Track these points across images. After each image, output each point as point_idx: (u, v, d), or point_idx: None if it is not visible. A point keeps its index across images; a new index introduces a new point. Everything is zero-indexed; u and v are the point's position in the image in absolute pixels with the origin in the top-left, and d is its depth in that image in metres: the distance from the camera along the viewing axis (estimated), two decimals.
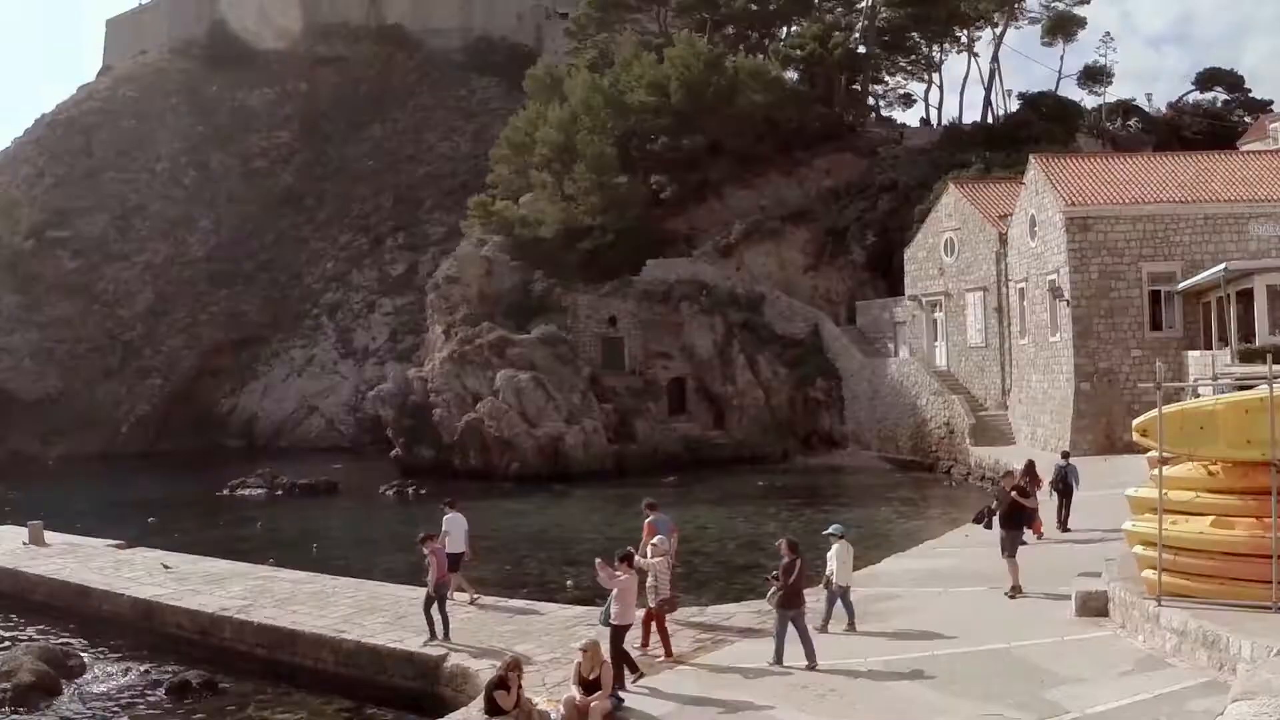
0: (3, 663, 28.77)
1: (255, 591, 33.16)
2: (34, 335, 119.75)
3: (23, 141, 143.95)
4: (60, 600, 36.86)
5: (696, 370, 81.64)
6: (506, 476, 71.18)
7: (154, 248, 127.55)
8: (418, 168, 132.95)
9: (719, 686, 21.05)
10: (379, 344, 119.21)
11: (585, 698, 19.77)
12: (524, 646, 24.50)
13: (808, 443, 78.94)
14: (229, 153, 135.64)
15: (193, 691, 27.11)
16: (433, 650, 25.38)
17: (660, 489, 61.64)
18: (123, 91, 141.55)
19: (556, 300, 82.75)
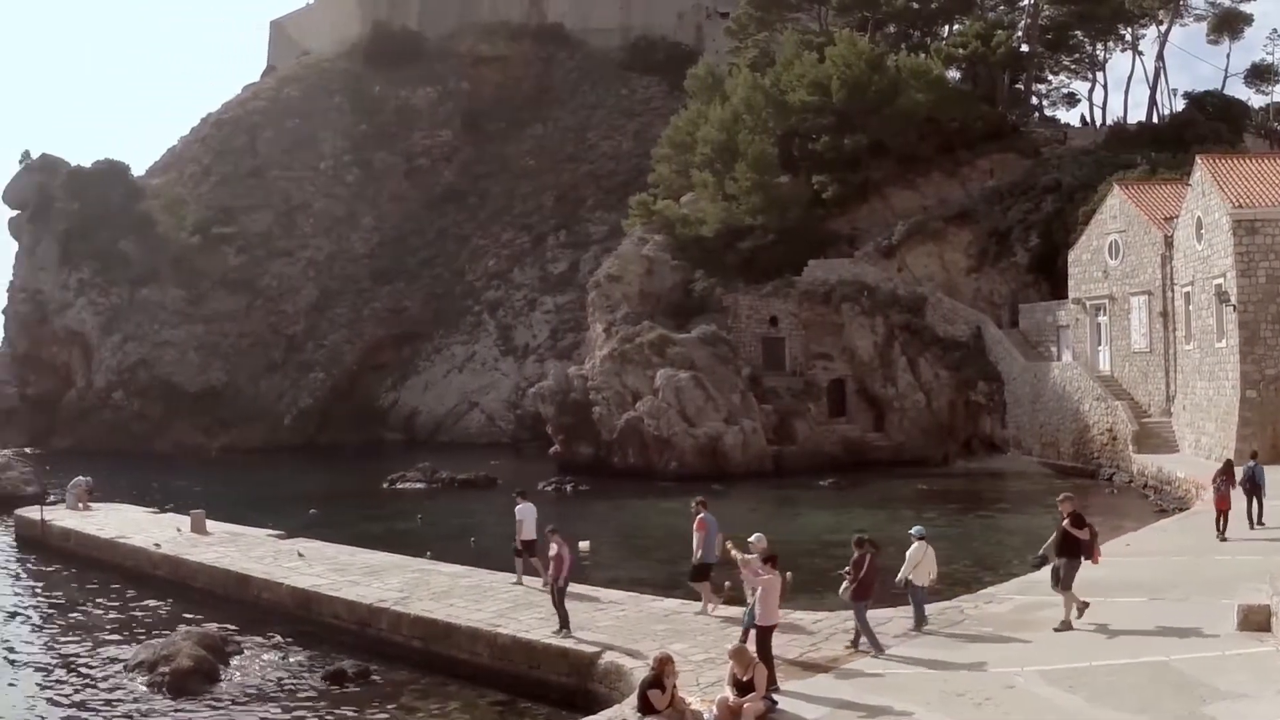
0: (163, 647, 29.31)
1: (413, 584, 33.57)
2: (199, 329, 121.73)
3: (189, 140, 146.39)
4: (220, 588, 37.63)
5: (857, 372, 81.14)
6: (665, 475, 71.00)
7: (317, 244, 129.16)
8: (579, 166, 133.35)
9: (872, 691, 20.89)
10: (539, 341, 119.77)
11: (739, 699, 19.66)
12: (679, 646, 24.38)
13: (968, 446, 78.12)
14: (391, 151, 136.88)
15: (348, 680, 27.48)
16: (588, 647, 25.39)
17: (818, 491, 61.56)
18: (286, 91, 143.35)
19: (717, 300, 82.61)
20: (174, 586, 39.59)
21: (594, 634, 26.30)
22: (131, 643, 32.13)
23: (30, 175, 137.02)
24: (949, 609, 26.70)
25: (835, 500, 58.57)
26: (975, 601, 27.99)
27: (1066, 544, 25.56)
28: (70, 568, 46.39)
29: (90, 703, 27.15)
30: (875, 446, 78.31)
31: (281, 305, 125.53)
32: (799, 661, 23.27)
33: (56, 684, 28.93)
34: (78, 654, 31.86)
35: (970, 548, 43.91)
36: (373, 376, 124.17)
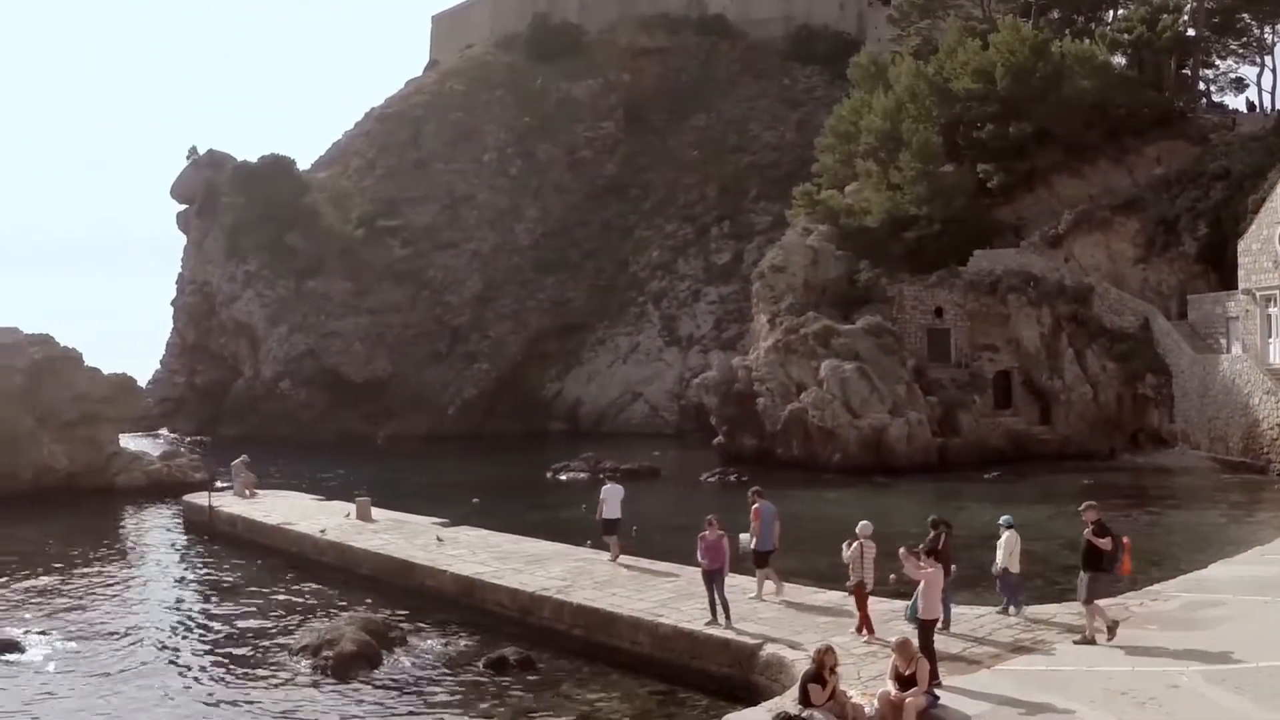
0: (327, 632, 29.80)
1: (575, 573, 33.74)
2: (364, 320, 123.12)
3: (353, 134, 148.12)
4: (384, 574, 38.07)
5: (1023, 363, 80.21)
6: (828, 467, 70.75)
7: (481, 236, 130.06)
8: (742, 157, 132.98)
9: (1036, 688, 20.66)
10: (703, 332, 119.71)
11: (900, 693, 19.58)
12: (841, 639, 24.21)
13: (1135, 441, 76.75)
14: (554, 143, 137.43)
15: (509, 667, 27.65)
16: (750, 638, 25.30)
17: (982, 484, 60.94)
18: (449, 85, 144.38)
19: (882, 290, 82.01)
20: (339, 572, 40.22)
21: (756, 625, 26.20)
22: (297, 627, 32.61)
23: (198, 171, 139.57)
24: (1114, 606, 26.23)
25: (999, 494, 57.94)
26: (1141, 598, 27.53)
27: (1089, 554, 24.72)
28: (237, 553, 47.27)
29: (255, 685, 27.57)
30: (1040, 439, 77.30)
31: (446, 297, 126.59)
32: (961, 656, 23.07)
33: (223, 666, 29.40)
34: (244, 637, 32.43)
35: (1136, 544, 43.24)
36: (537, 367, 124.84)
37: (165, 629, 34.05)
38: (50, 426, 70.77)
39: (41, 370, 71.86)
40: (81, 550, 48.72)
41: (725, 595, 26.62)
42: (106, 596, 39.10)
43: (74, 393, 72.30)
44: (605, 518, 35.75)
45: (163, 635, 33.21)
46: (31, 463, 69.08)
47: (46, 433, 70.45)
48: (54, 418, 71.02)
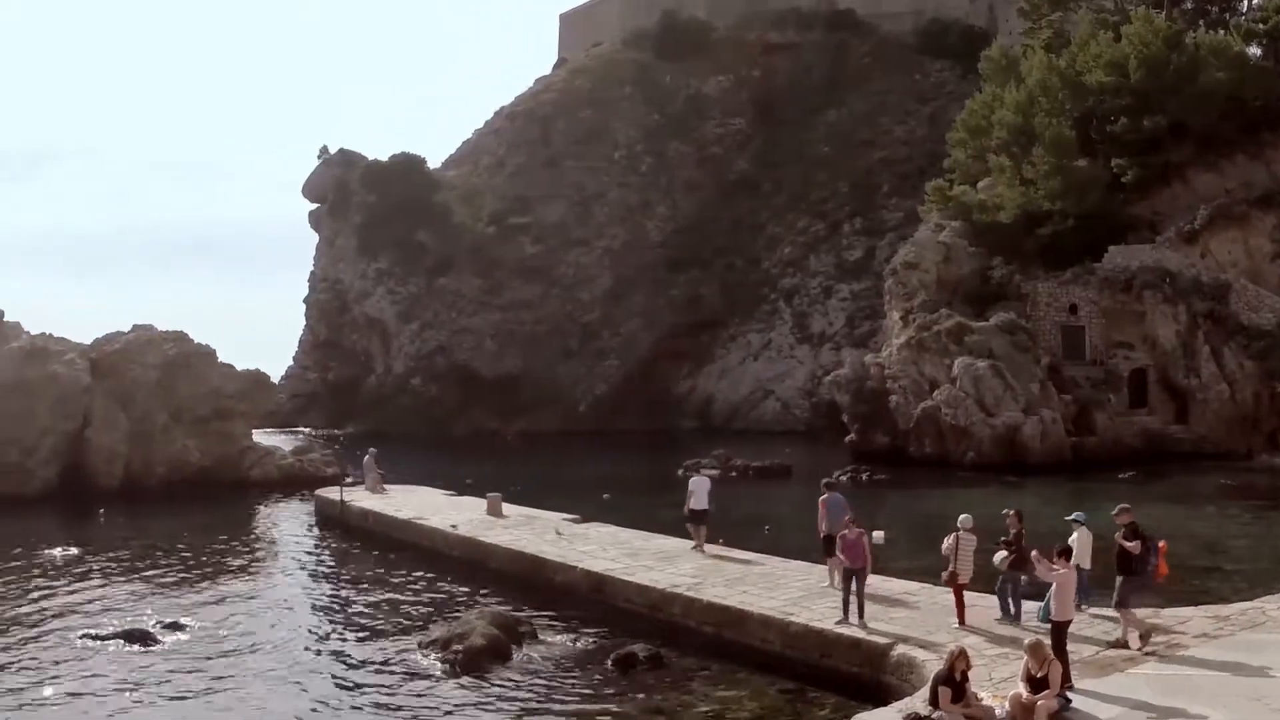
0: (457, 626, 29.94)
1: (706, 570, 33.58)
2: (495, 317, 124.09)
3: (483, 133, 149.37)
4: (515, 569, 38.13)
5: (1158, 361, 79.09)
6: (961, 465, 70.36)
7: (612, 233, 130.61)
8: (873, 153, 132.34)
9: (1169, 693, 20.28)
10: (835, 329, 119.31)
11: (1031, 695, 19.35)
12: (973, 640, 24.01)
13: (1273, 440, 75.35)
14: (684, 140, 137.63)
15: (638, 664, 27.50)
16: (881, 638, 25.07)
17: (1117, 485, 60.13)
18: (578, 83, 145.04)
19: (1015, 287, 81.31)
20: (470, 567, 40.33)
21: (887, 625, 25.94)
22: (427, 621, 32.81)
23: (329, 170, 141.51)
24: (1250, 609, 25.85)
25: (1134, 494, 56.81)
26: (1278, 602, 27.06)
27: (1120, 559, 24.53)
28: (368, 547, 47.64)
29: (385, 678, 27.75)
30: (1176, 439, 76.21)
31: (577, 293, 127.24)
32: (1094, 660, 22.77)
33: (353, 659, 29.64)
34: (374, 630, 32.63)
35: (1273, 546, 42.51)
36: (668, 364, 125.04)
37: (295, 621, 34.40)
38: (184, 422, 71.78)
39: (176, 366, 72.87)
40: (214, 543, 49.36)
41: (864, 595, 26.45)
42: (238, 589, 39.52)
43: (208, 388, 73.24)
44: (692, 508, 37.31)
45: (293, 628, 33.52)
46: (166, 457, 70.13)
47: (180, 428, 71.46)
48: (188, 413, 72.01)
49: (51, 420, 67.75)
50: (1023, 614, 25.77)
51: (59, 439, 67.80)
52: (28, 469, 66.32)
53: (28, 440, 66.94)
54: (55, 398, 68.20)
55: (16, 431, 66.56)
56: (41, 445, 67.19)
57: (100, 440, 68.76)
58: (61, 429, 67.98)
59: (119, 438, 69.24)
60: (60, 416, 68.08)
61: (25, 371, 68.30)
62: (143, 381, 71.47)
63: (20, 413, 66.89)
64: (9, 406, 66.80)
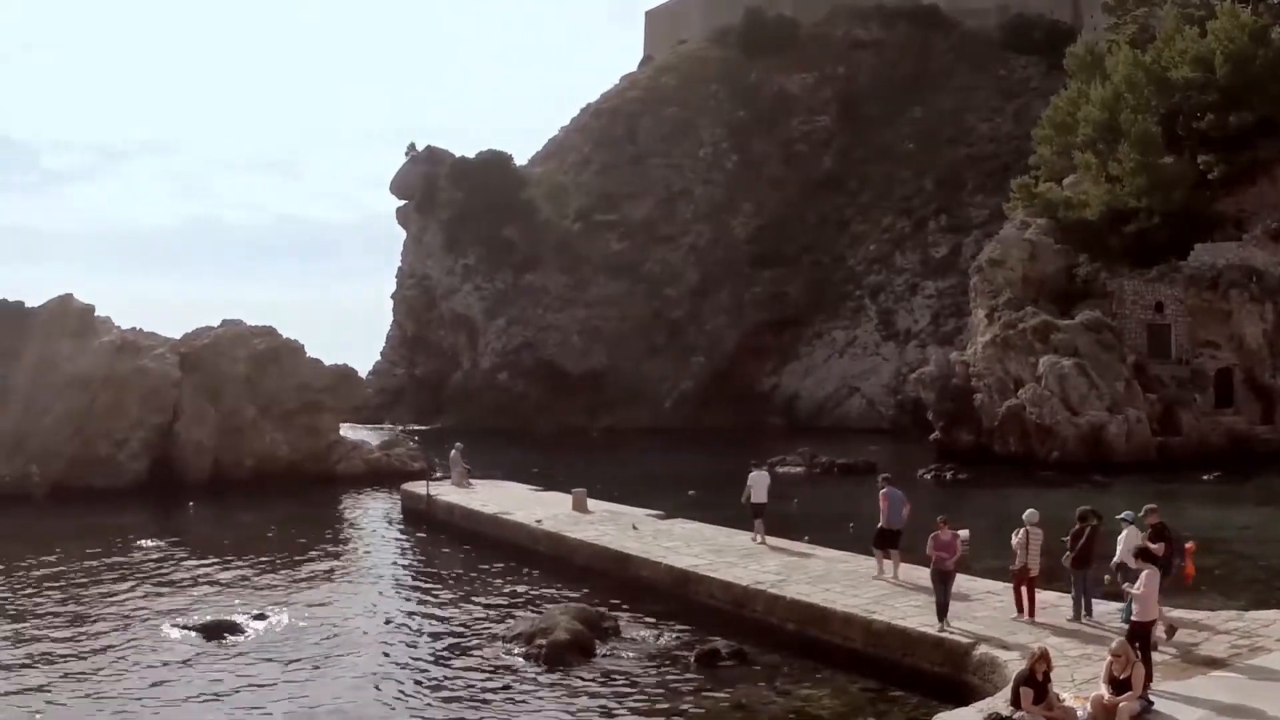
0: (541, 620, 30.35)
1: (789, 567, 33.72)
2: (581, 313, 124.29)
3: (569, 130, 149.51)
4: (599, 565, 38.36)
5: (1245, 361, 78.40)
6: (1045, 464, 70.04)
7: (698, 230, 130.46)
8: (959, 149, 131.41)
9: (1252, 696, 20.28)
10: (921, 327, 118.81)
11: (1114, 697, 19.35)
12: (1056, 640, 24.07)
13: None
14: (769, 137, 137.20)
15: (721, 660, 27.76)
16: (963, 637, 25.18)
17: (1203, 485, 59.81)
18: (663, 80, 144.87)
19: (1100, 285, 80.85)
20: (554, 562, 40.63)
21: (970, 624, 26.01)
22: (511, 615, 33.16)
23: (416, 167, 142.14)
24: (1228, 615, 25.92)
25: (1220, 495, 56.82)
26: None
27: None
28: (454, 541, 48.13)
29: (470, 671, 28.09)
30: (1263, 440, 75.54)
31: (663, 290, 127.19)
32: (1178, 661, 22.77)
33: (436, 652, 30.05)
34: (458, 624, 33.08)
35: None
36: (753, 361, 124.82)
37: (380, 614, 34.83)
38: (272, 415, 72.39)
39: (264, 361, 73.51)
40: (301, 535, 50.01)
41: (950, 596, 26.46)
42: (324, 581, 40.16)
43: (296, 383, 73.83)
44: (753, 502, 38.57)
45: (377, 620, 34.01)
46: (254, 451, 70.76)
47: (269, 421, 72.07)
48: (276, 407, 72.63)
49: (142, 414, 68.53)
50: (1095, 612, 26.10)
51: (149, 432, 68.58)
52: (118, 462, 67.12)
53: (118, 433, 67.80)
54: (145, 392, 68.98)
55: (107, 425, 67.45)
56: (132, 438, 68.00)
57: (189, 434, 69.49)
58: (151, 422, 68.76)
59: (208, 431, 69.96)
60: (150, 410, 68.84)
61: (116, 366, 69.11)
62: (232, 376, 72.16)
63: (111, 406, 67.73)
64: (100, 400, 67.66)
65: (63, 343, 69.55)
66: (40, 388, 67.62)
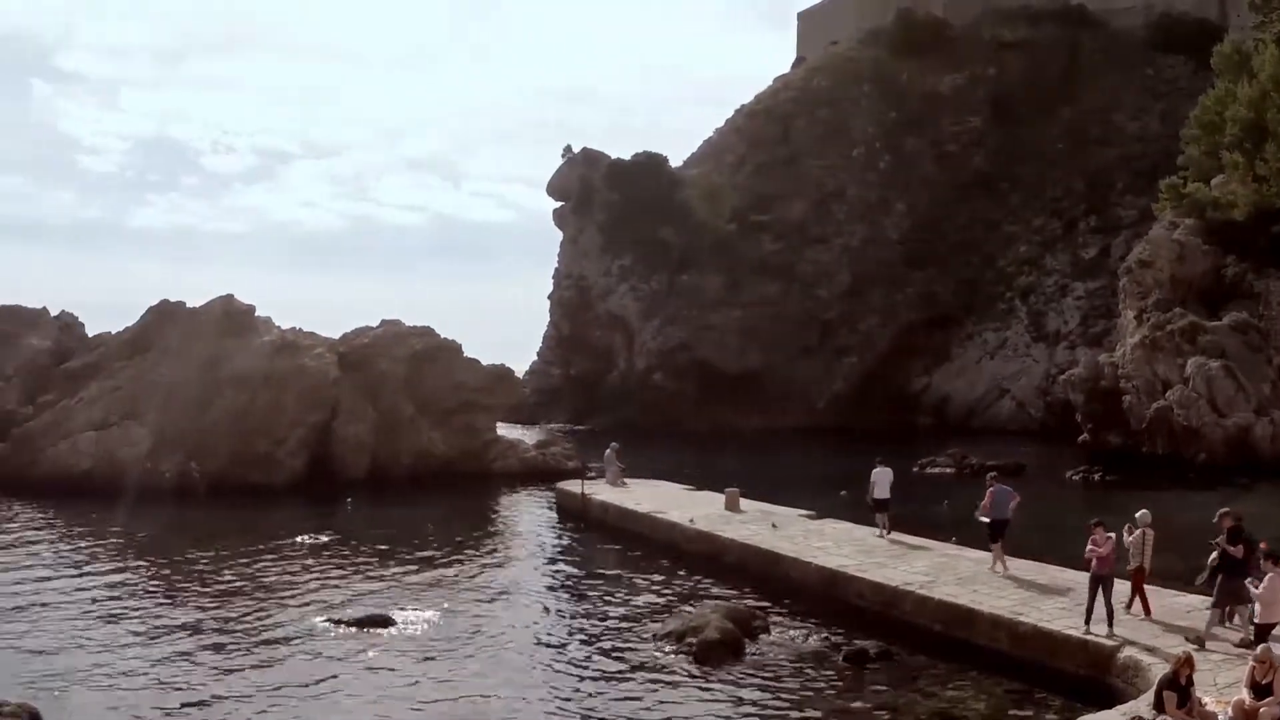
0: (692, 619, 30.75)
1: (938, 568, 34.09)
2: (737, 314, 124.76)
3: (724, 131, 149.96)
4: (751, 564, 38.81)
5: None
6: (1192, 465, 69.72)
7: (851, 231, 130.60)
8: (1107, 150, 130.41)
9: None
10: (1070, 328, 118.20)
11: (1255, 702, 19.53)
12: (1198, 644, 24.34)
13: None
14: (921, 138, 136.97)
15: (869, 660, 28.13)
16: (1108, 640, 25.39)
17: None
18: (816, 81, 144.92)
19: (1248, 285, 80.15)
20: (706, 561, 41.05)
21: (1115, 627, 26.11)
22: (662, 613, 33.69)
23: (573, 169, 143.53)
24: None
25: None
26: None
27: (1222, 561, 25.16)
28: (608, 539, 48.78)
29: (620, 668, 28.59)
30: None
31: (816, 290, 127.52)
32: None
33: (587, 649, 30.60)
34: (610, 621, 33.57)
35: None
36: (905, 361, 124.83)
37: (533, 610, 35.43)
38: (430, 414, 73.47)
39: (422, 360, 74.64)
40: (457, 533, 50.76)
41: (1111, 602, 26.47)
42: (479, 578, 40.83)
43: (453, 382, 74.87)
44: (875, 498, 40.86)
45: (531, 616, 34.57)
46: (411, 449, 71.85)
47: (426, 420, 73.16)
48: (433, 406, 73.71)
49: (301, 412, 69.80)
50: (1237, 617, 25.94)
51: (307, 430, 69.83)
52: (277, 459, 68.37)
53: (277, 431, 69.10)
54: (304, 390, 70.25)
55: (267, 423, 68.75)
56: (291, 436, 69.29)
57: (347, 432, 70.73)
58: (310, 420, 70.02)
59: (366, 429, 71.16)
60: (309, 408, 70.10)
61: (276, 365, 70.45)
62: (390, 375, 73.35)
63: (271, 405, 69.06)
64: (260, 399, 69.03)
65: (224, 342, 71.08)
66: (201, 386, 69.07)
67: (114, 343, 75.33)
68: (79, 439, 67.87)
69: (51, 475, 65.48)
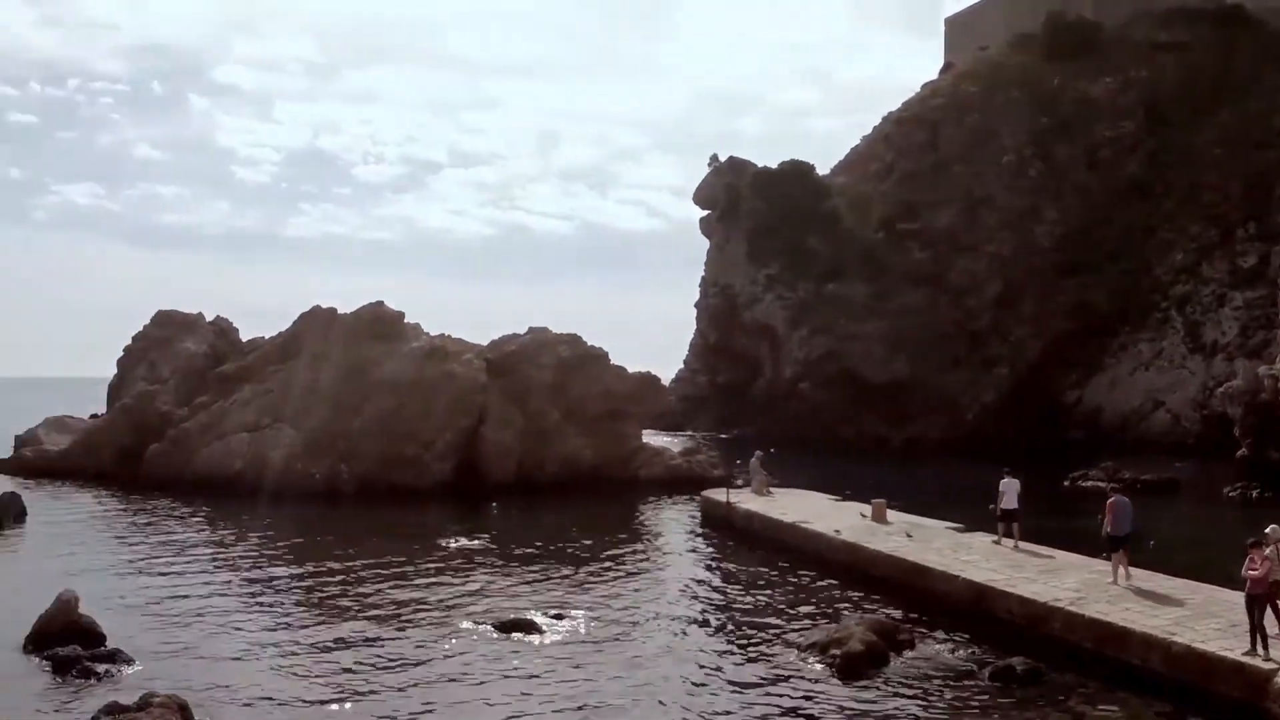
0: (836, 630, 30.55)
1: (1088, 585, 33.27)
2: (884, 323, 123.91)
3: (871, 139, 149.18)
4: (897, 576, 38.38)
5: None
6: None
7: (1001, 239, 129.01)
8: (1267, 153, 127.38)
9: None
10: (1229, 339, 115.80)
11: None
12: None
13: None
14: (1073, 143, 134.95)
15: (1015, 678, 27.59)
16: (1265, 663, 24.55)
17: None
18: (964, 87, 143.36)
19: None
20: (852, 572, 40.76)
21: (1275, 650, 25.25)
22: (806, 624, 33.47)
23: (719, 177, 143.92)
24: None
25: None
26: None
27: None
28: (752, 548, 48.70)
29: (762, 678, 28.39)
30: None
31: (966, 300, 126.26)
32: None
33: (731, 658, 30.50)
34: (754, 631, 33.38)
35: None
36: (1057, 372, 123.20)
37: (677, 618, 35.35)
38: (576, 421, 73.81)
39: (569, 368, 74.99)
40: (602, 539, 51.15)
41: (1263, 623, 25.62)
42: (622, 583, 41.11)
43: (600, 389, 75.10)
44: (1003, 508, 41.14)
45: (673, 624, 34.55)
46: (558, 455, 72.32)
47: (572, 427, 73.53)
48: (580, 413, 74.03)
49: (449, 417, 70.57)
50: None
51: (455, 435, 70.58)
52: (425, 462, 69.25)
53: (426, 435, 69.92)
54: (453, 396, 71.02)
55: (415, 427, 69.66)
56: (439, 440, 70.06)
57: (495, 437, 71.32)
58: (458, 426, 70.73)
59: (513, 435, 71.70)
60: (457, 414, 70.84)
61: (425, 371, 71.33)
62: (537, 381, 73.81)
63: (420, 410, 69.92)
64: (410, 404, 69.88)
65: (374, 348, 72.03)
66: (351, 390, 70.09)
67: (267, 347, 76.85)
68: (232, 440, 69.48)
69: (205, 474, 67.52)
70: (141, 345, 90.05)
